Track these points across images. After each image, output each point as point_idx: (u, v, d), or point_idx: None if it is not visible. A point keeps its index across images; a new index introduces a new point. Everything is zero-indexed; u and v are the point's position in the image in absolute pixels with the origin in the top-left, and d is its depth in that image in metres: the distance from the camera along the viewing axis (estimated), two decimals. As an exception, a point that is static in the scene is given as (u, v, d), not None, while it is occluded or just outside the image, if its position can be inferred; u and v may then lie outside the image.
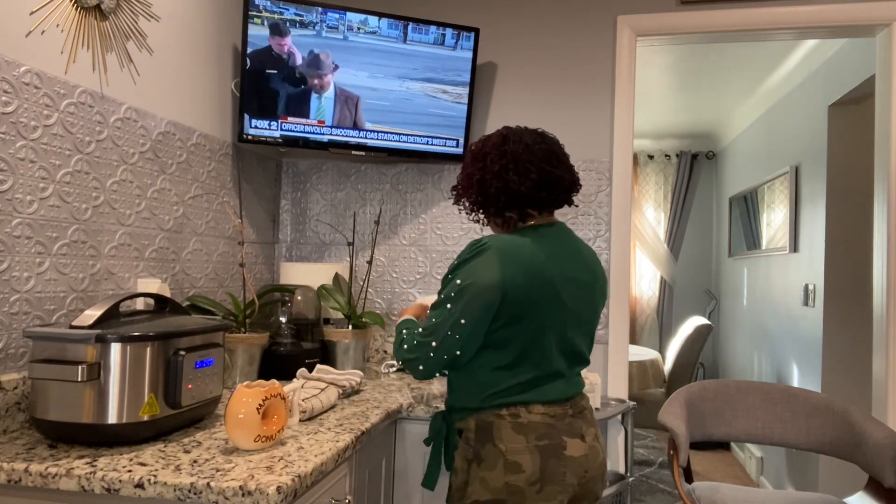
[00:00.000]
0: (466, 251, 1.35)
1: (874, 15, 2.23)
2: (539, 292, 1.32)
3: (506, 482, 1.29)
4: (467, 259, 1.33)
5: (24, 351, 1.41)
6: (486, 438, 1.33)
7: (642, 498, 3.66)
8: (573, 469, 1.33)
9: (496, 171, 1.40)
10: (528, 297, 1.31)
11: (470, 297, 1.30)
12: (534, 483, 1.29)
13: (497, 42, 2.51)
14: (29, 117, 1.40)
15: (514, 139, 1.41)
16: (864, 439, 1.99)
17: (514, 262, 1.31)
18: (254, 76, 2.11)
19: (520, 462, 1.30)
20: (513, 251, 1.32)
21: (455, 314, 1.31)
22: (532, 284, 1.31)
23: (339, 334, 2.10)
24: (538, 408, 1.34)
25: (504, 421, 1.33)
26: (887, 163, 2.23)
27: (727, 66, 3.68)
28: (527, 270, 1.31)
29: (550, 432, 1.33)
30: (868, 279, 3.04)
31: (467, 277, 1.31)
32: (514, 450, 1.30)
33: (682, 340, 4.34)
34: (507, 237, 1.36)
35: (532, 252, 1.34)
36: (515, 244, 1.34)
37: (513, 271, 1.30)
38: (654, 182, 5.57)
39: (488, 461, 1.32)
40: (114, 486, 1.08)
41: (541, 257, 1.34)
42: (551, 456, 1.31)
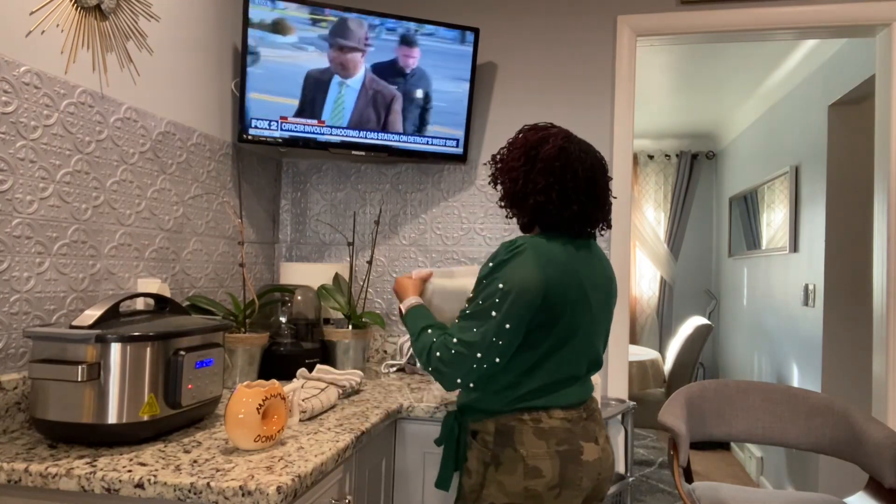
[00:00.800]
0: (502, 253, 1.31)
1: (874, 15, 2.23)
2: (574, 294, 1.31)
3: (525, 487, 1.29)
4: (505, 260, 1.29)
5: (24, 351, 1.41)
6: (506, 442, 1.32)
7: (642, 498, 3.66)
8: (589, 473, 1.34)
9: (541, 187, 1.34)
10: (564, 298, 1.29)
11: (514, 299, 1.26)
12: (553, 488, 1.29)
13: (497, 42, 2.51)
14: (29, 117, 1.40)
15: (569, 160, 1.35)
16: (864, 439, 1.99)
17: (552, 263, 1.29)
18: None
19: (540, 467, 1.29)
20: (549, 252, 1.30)
21: (500, 320, 1.26)
22: (568, 286, 1.30)
23: (339, 334, 2.10)
24: (558, 412, 1.34)
25: (526, 426, 1.32)
26: (887, 163, 2.23)
27: (727, 66, 3.68)
28: (562, 271, 1.30)
29: (569, 437, 1.33)
30: (868, 279, 3.04)
31: (509, 279, 1.27)
32: (535, 455, 1.30)
33: (682, 340, 4.34)
34: (541, 238, 1.33)
35: (566, 255, 1.32)
36: (550, 246, 1.32)
37: (551, 272, 1.28)
38: (654, 182, 5.56)
39: (507, 465, 1.31)
40: (114, 486, 1.08)
41: (572, 260, 1.33)
42: (570, 461, 1.31)
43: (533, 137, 1.40)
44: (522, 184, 1.38)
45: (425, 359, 1.36)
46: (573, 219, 1.36)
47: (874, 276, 2.29)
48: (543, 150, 1.37)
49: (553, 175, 1.34)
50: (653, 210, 5.56)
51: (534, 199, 1.36)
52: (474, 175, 2.50)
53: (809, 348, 3.26)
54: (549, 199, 1.34)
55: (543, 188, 1.35)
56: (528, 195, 1.37)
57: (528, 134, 1.42)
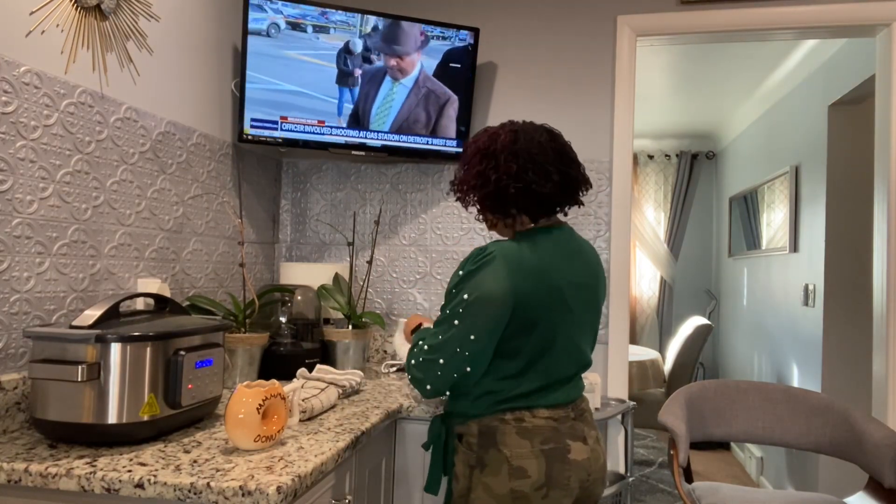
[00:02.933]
0: (470, 262, 1.29)
1: (874, 15, 2.23)
2: (548, 300, 1.28)
3: (511, 488, 1.27)
4: (473, 271, 1.28)
5: (24, 351, 1.41)
6: (489, 444, 1.30)
7: (642, 498, 3.66)
8: (577, 473, 1.31)
9: (514, 173, 1.33)
10: (537, 305, 1.27)
11: (478, 312, 1.25)
12: (539, 488, 1.27)
13: (497, 42, 2.51)
14: (29, 117, 1.40)
15: (526, 138, 1.35)
16: (864, 439, 1.99)
17: (522, 270, 1.26)
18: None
19: (525, 467, 1.27)
20: (520, 259, 1.27)
21: (463, 330, 1.26)
22: (541, 292, 1.27)
23: (339, 334, 2.10)
24: (542, 412, 1.32)
25: (508, 426, 1.30)
26: (887, 163, 2.23)
27: (727, 66, 3.68)
28: (535, 278, 1.27)
29: (555, 436, 1.30)
30: (868, 279, 3.04)
31: (474, 290, 1.25)
32: (519, 454, 1.28)
33: (682, 340, 4.34)
34: (511, 244, 1.30)
35: (538, 258, 1.29)
36: (521, 251, 1.29)
37: (521, 280, 1.26)
38: (654, 182, 5.57)
39: (492, 466, 1.29)
40: (114, 486, 1.08)
41: (547, 263, 1.30)
42: (556, 460, 1.29)
43: (482, 140, 1.40)
44: (495, 180, 1.35)
45: (406, 365, 1.38)
46: (559, 189, 1.35)
47: (874, 276, 2.29)
48: (498, 143, 1.36)
49: (517, 155, 1.34)
50: (653, 210, 5.56)
51: (514, 187, 1.33)
52: (474, 175, 2.50)
53: (809, 348, 3.26)
54: (528, 178, 1.32)
55: (517, 172, 1.33)
56: (507, 186, 1.34)
57: (476, 142, 1.41)
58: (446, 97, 2.10)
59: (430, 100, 2.09)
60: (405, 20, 2.24)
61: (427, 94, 2.06)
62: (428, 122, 2.19)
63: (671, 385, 4.28)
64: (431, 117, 2.14)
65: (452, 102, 2.15)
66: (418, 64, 2.12)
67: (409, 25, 2.20)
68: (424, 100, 2.08)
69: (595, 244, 2.41)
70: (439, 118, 2.13)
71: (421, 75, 2.11)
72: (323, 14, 2.17)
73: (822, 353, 3.08)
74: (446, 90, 2.11)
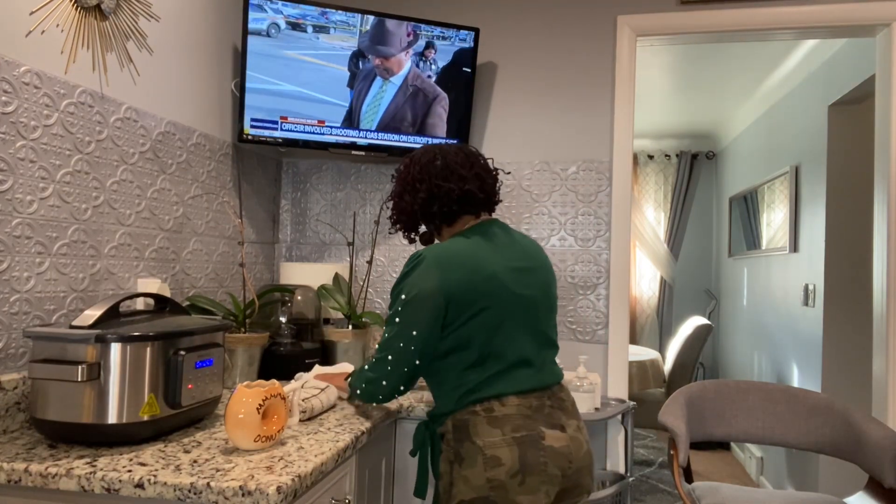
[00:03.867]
0: (406, 266, 1.42)
1: (874, 15, 2.23)
2: (484, 287, 1.36)
3: (487, 478, 1.29)
4: (407, 273, 1.39)
5: (24, 351, 1.41)
6: (463, 437, 1.34)
7: (642, 498, 3.66)
8: (555, 459, 1.32)
9: (398, 193, 1.52)
10: (473, 294, 1.35)
11: (415, 308, 1.35)
12: (515, 475, 1.29)
13: (497, 42, 2.51)
14: (29, 117, 1.40)
15: (415, 160, 1.51)
16: (864, 439, 1.99)
17: (452, 265, 1.36)
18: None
19: (498, 455, 1.30)
20: (449, 255, 1.37)
21: (405, 326, 1.36)
22: (475, 281, 1.36)
23: (339, 334, 2.10)
24: (512, 399, 1.35)
25: (479, 417, 1.34)
26: (887, 163, 2.23)
27: (727, 66, 3.68)
28: (466, 270, 1.36)
29: (527, 423, 1.34)
30: (868, 279, 3.04)
31: (410, 290, 1.37)
32: (492, 444, 1.31)
33: (682, 340, 4.34)
34: (441, 244, 1.42)
35: (469, 252, 1.39)
36: (450, 248, 1.39)
37: (452, 274, 1.35)
38: (654, 182, 5.57)
39: (468, 459, 1.32)
40: (114, 486, 1.08)
41: (479, 254, 1.39)
42: (529, 447, 1.31)
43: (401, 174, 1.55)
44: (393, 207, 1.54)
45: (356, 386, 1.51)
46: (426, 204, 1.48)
47: (874, 276, 2.29)
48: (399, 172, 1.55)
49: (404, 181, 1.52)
50: (653, 210, 5.56)
51: (398, 209, 1.53)
52: (474, 175, 2.50)
53: (809, 348, 3.26)
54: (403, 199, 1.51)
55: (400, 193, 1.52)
56: (395, 207, 1.54)
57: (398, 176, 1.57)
58: (434, 94, 2.11)
59: (417, 98, 2.10)
60: (397, 19, 2.24)
61: (415, 92, 2.07)
62: (414, 120, 2.19)
63: (671, 385, 4.28)
64: (418, 115, 2.15)
65: (441, 100, 2.15)
66: (407, 63, 2.13)
67: (395, 24, 2.19)
68: (412, 98, 2.09)
69: (595, 244, 2.41)
70: (426, 116, 2.14)
71: (410, 73, 2.12)
72: (323, 14, 2.17)
73: (822, 353, 3.08)
74: (435, 87, 2.12)
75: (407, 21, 2.25)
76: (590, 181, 2.42)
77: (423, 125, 2.28)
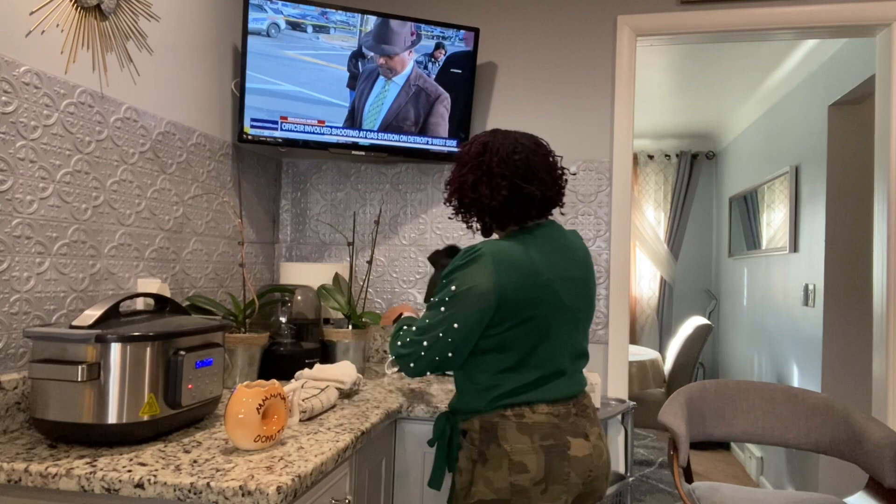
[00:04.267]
0: (460, 257, 1.36)
1: (874, 15, 2.23)
2: (537, 294, 1.33)
3: (510, 482, 1.30)
4: (461, 265, 1.34)
5: (24, 351, 1.41)
6: (490, 439, 1.34)
7: (642, 498, 3.66)
8: (577, 469, 1.34)
9: (471, 183, 1.42)
10: (525, 300, 1.32)
11: (463, 303, 1.31)
12: (538, 483, 1.30)
13: (497, 42, 2.51)
14: (29, 117, 1.40)
15: (493, 149, 1.42)
16: (864, 439, 1.99)
17: (509, 266, 1.32)
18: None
19: (525, 462, 1.31)
20: (507, 256, 1.33)
21: (448, 318, 1.33)
22: (529, 287, 1.32)
23: (339, 334, 2.10)
24: (543, 407, 1.35)
25: (509, 421, 1.33)
26: (887, 163, 2.23)
27: (727, 66, 3.68)
28: (522, 274, 1.32)
29: (555, 432, 1.34)
30: (868, 279, 3.04)
31: (462, 283, 1.32)
32: (519, 450, 1.31)
33: (682, 340, 4.34)
34: (500, 242, 1.37)
35: (527, 255, 1.35)
36: (510, 249, 1.35)
37: (507, 276, 1.31)
38: (654, 182, 5.57)
39: (493, 461, 1.32)
40: (114, 486, 1.08)
41: (536, 259, 1.35)
42: (556, 456, 1.32)
43: (462, 149, 1.49)
44: (457, 187, 1.45)
45: (391, 345, 1.45)
46: (507, 204, 1.40)
47: (874, 276, 2.29)
48: (470, 153, 1.45)
49: (479, 167, 1.42)
50: (653, 210, 5.56)
51: (468, 196, 1.43)
52: (474, 175, 2.50)
53: (809, 348, 3.26)
54: (480, 189, 1.41)
55: (474, 181, 1.42)
56: (465, 194, 1.44)
57: (461, 149, 1.51)
58: (437, 94, 2.11)
59: (420, 98, 2.09)
60: (397, 19, 2.24)
61: (417, 92, 2.07)
62: (417, 120, 2.19)
63: (671, 385, 4.28)
64: (420, 115, 2.15)
65: (443, 100, 2.15)
66: (410, 62, 2.12)
67: (398, 24, 2.19)
68: (415, 98, 2.09)
69: (595, 244, 2.41)
70: (429, 116, 2.14)
71: (413, 73, 2.12)
72: (323, 14, 2.17)
73: (822, 353, 3.08)
74: (437, 87, 2.11)
75: (406, 21, 2.25)
76: (590, 181, 2.42)
77: (426, 124, 2.28)
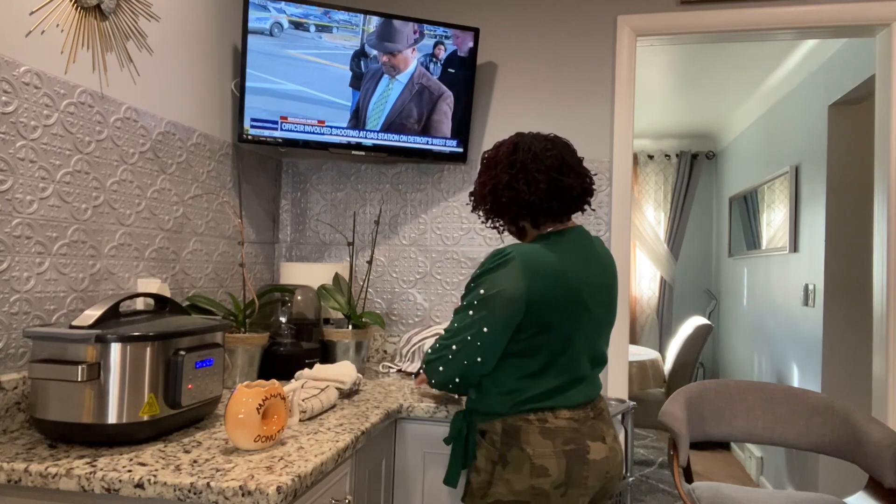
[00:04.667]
0: (489, 260, 1.36)
1: (874, 15, 2.23)
2: (565, 301, 1.33)
3: (531, 485, 1.32)
4: (490, 269, 1.34)
5: (24, 351, 1.41)
6: (513, 442, 1.35)
7: (642, 498, 3.66)
8: (595, 472, 1.36)
9: (507, 182, 1.41)
10: (553, 306, 1.32)
11: (492, 307, 1.31)
12: (558, 486, 1.32)
13: (497, 42, 2.51)
14: (29, 117, 1.40)
15: (525, 147, 1.42)
16: (864, 439, 1.99)
17: (538, 272, 1.32)
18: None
19: (546, 466, 1.32)
20: (536, 261, 1.33)
21: (477, 322, 1.33)
22: (557, 293, 1.32)
23: (339, 334, 2.10)
24: (564, 412, 1.36)
25: (532, 426, 1.34)
26: (887, 163, 2.23)
27: (727, 66, 3.68)
28: (551, 280, 1.32)
29: (576, 437, 1.35)
30: (868, 279, 3.04)
31: (491, 287, 1.32)
32: (542, 454, 1.32)
33: (682, 340, 4.34)
34: (530, 246, 1.36)
35: (555, 260, 1.35)
36: (539, 253, 1.34)
37: (537, 281, 1.31)
38: (654, 182, 5.56)
39: (514, 464, 1.33)
40: (114, 486, 1.08)
41: (564, 265, 1.35)
42: (576, 461, 1.33)
43: (488, 153, 1.50)
44: (490, 190, 1.45)
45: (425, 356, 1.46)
46: (547, 197, 1.39)
47: (874, 276, 2.29)
48: (500, 153, 1.45)
49: (514, 165, 1.42)
50: (653, 210, 5.56)
51: (505, 196, 1.42)
52: (474, 175, 2.50)
53: (809, 348, 3.26)
54: (518, 185, 1.40)
55: (510, 179, 1.41)
56: (501, 194, 1.43)
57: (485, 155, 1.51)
58: (440, 92, 2.11)
59: (423, 96, 2.10)
60: (399, 19, 2.24)
61: (421, 90, 2.07)
62: (420, 118, 2.19)
63: (671, 385, 4.28)
64: (423, 113, 2.15)
65: (446, 98, 2.15)
66: (413, 60, 2.13)
67: (401, 23, 2.20)
68: (418, 96, 2.09)
69: (595, 244, 2.41)
70: (432, 114, 2.14)
71: (416, 72, 2.12)
72: (326, 14, 2.17)
73: (822, 353, 3.08)
74: (440, 85, 2.12)
75: (407, 21, 2.25)
76: (590, 181, 2.42)
77: (429, 122, 2.28)
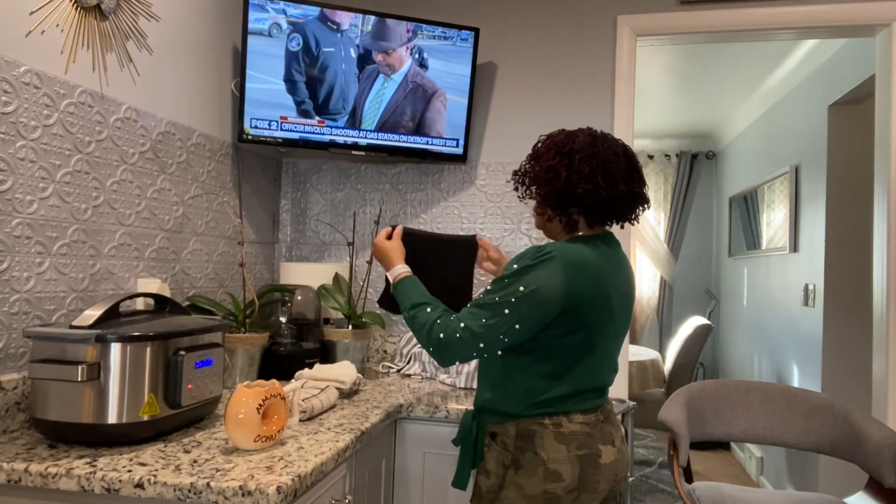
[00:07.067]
0: (529, 257, 1.30)
1: (874, 15, 2.23)
2: (598, 306, 1.31)
3: (544, 490, 1.30)
4: (531, 266, 1.29)
5: (24, 351, 1.41)
6: (527, 446, 1.33)
7: (642, 498, 3.66)
8: (606, 475, 1.35)
9: (586, 174, 1.34)
10: (588, 309, 1.29)
11: (531, 305, 1.27)
12: (571, 491, 1.31)
13: (497, 42, 2.51)
14: (29, 117, 1.40)
15: (604, 144, 1.37)
16: (864, 439, 1.99)
17: (579, 274, 1.29)
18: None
19: (560, 471, 1.31)
20: (577, 262, 1.29)
21: (512, 320, 1.28)
22: (593, 297, 1.30)
23: (339, 334, 2.10)
24: (578, 416, 1.35)
25: (547, 430, 1.33)
26: (887, 163, 2.23)
27: (727, 66, 3.68)
28: (590, 284, 1.29)
29: (588, 441, 1.34)
30: (868, 279, 3.04)
31: (531, 284, 1.27)
32: (556, 459, 1.31)
33: (682, 340, 4.34)
34: (570, 246, 1.32)
35: (595, 265, 1.32)
36: (580, 254, 1.31)
37: (576, 283, 1.28)
38: (654, 182, 5.57)
39: (527, 468, 1.32)
40: (114, 486, 1.08)
41: (601, 270, 1.32)
42: (589, 466, 1.33)
43: (558, 138, 1.42)
44: (566, 177, 1.36)
45: (425, 336, 1.36)
46: (622, 199, 1.36)
47: (874, 276, 2.29)
48: (576, 143, 1.38)
49: (593, 158, 1.35)
50: (653, 210, 5.56)
51: (582, 188, 1.34)
52: (474, 175, 2.50)
53: (809, 348, 3.26)
54: (597, 182, 1.34)
55: (589, 174, 1.35)
56: (576, 185, 1.35)
57: (552, 138, 1.43)
58: (433, 90, 2.10)
59: (416, 94, 2.09)
60: (398, 18, 2.24)
61: (415, 88, 2.07)
62: (413, 115, 2.18)
63: (671, 385, 4.28)
64: (417, 111, 2.14)
65: (439, 95, 2.14)
66: (408, 59, 2.13)
67: (394, 22, 2.19)
68: (412, 94, 2.09)
69: (595, 244, 2.41)
70: (425, 111, 2.13)
71: (410, 70, 2.12)
72: (324, 14, 2.16)
73: (822, 353, 3.08)
74: (434, 83, 2.11)
75: (400, 20, 2.25)
76: (590, 181, 2.42)
77: (423, 120, 2.27)
